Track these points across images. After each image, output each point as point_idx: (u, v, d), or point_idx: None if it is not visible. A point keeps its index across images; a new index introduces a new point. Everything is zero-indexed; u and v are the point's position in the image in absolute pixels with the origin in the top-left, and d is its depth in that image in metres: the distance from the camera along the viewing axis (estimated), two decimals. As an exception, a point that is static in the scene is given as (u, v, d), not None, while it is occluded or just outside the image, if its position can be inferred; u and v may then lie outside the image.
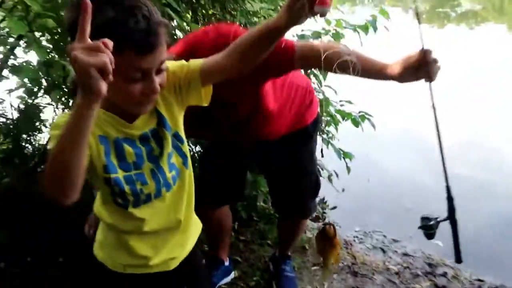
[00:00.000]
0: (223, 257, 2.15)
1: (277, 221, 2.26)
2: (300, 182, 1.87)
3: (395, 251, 2.56)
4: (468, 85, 5.36)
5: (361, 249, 2.58)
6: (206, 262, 2.06)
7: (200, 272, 1.33)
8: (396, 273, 2.35)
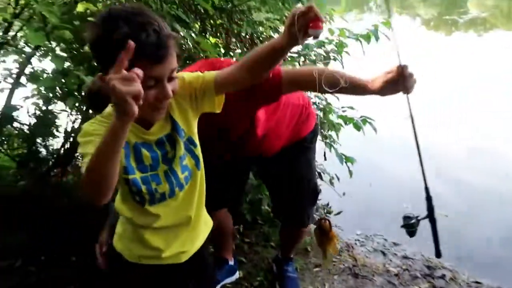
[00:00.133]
0: (227, 256, 2.25)
1: (280, 226, 2.34)
2: (298, 188, 1.95)
3: (395, 254, 2.63)
4: (476, 91, 5.40)
5: (362, 251, 2.65)
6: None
7: (208, 268, 1.44)
8: (396, 274, 2.43)
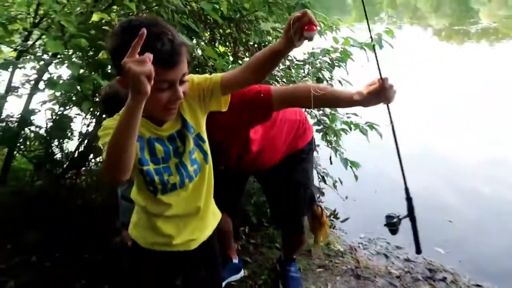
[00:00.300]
0: (230, 255, 2.34)
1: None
2: (296, 197, 2.02)
3: (398, 257, 2.68)
4: (484, 98, 5.37)
5: (364, 254, 2.72)
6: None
7: (216, 257, 1.54)
8: (397, 276, 2.48)
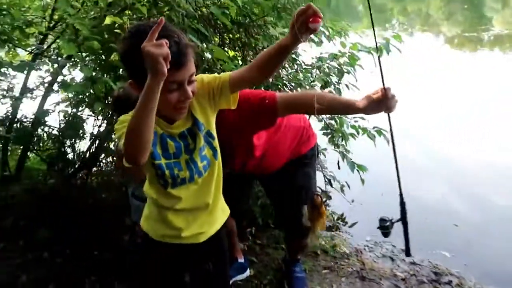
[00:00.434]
0: (236, 255, 2.38)
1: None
2: (298, 200, 2.03)
3: (403, 260, 2.69)
4: (497, 106, 5.32)
5: (370, 256, 2.73)
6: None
7: (225, 251, 1.58)
8: (403, 279, 2.49)
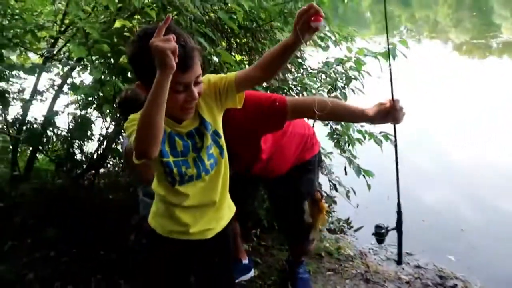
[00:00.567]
0: (240, 256, 2.39)
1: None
2: (302, 204, 2.04)
3: (408, 263, 2.68)
4: (506, 113, 5.17)
5: (375, 259, 2.73)
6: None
7: (231, 248, 1.60)
8: (407, 282, 2.49)
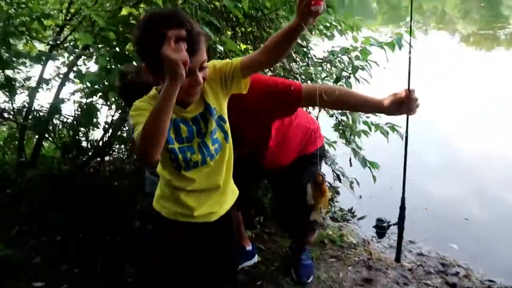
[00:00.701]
0: (243, 243, 2.42)
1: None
2: (305, 195, 2.03)
3: (411, 251, 2.71)
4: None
5: (377, 247, 2.75)
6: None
7: (234, 232, 1.64)
8: (409, 269, 2.51)
